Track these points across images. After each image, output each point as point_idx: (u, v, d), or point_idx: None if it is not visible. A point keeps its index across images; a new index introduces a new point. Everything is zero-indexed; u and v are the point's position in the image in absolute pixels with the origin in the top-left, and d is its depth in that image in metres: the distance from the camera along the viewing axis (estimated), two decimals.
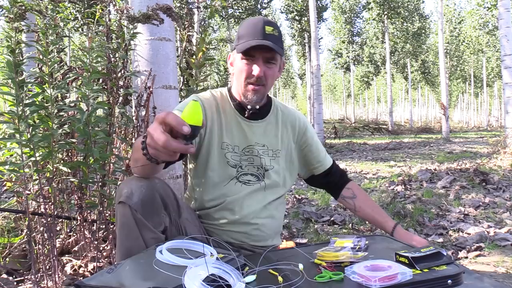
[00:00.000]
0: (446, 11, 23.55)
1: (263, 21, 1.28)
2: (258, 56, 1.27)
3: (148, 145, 0.83)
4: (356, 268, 0.88)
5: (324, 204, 3.30)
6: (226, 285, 0.84)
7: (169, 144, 0.77)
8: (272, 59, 1.29)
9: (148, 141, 0.82)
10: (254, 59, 1.28)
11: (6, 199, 2.82)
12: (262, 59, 1.28)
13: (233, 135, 1.37)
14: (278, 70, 1.36)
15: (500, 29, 6.31)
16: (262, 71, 1.27)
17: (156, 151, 0.81)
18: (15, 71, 1.48)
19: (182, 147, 0.78)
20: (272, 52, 1.27)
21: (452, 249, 2.16)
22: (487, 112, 27.87)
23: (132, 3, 1.93)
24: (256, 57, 1.27)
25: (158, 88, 1.89)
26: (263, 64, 1.28)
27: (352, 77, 29.13)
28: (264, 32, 1.26)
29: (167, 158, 0.82)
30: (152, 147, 0.81)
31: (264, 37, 1.25)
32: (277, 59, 1.32)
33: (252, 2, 15.94)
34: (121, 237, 1.11)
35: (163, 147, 0.78)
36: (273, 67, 1.31)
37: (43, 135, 1.62)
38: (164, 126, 0.78)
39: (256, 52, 1.27)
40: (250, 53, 1.27)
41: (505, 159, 5.41)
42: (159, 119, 0.78)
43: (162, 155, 0.82)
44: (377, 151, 8.92)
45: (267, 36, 1.25)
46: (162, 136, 0.77)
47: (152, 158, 0.88)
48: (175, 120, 0.76)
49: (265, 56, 1.28)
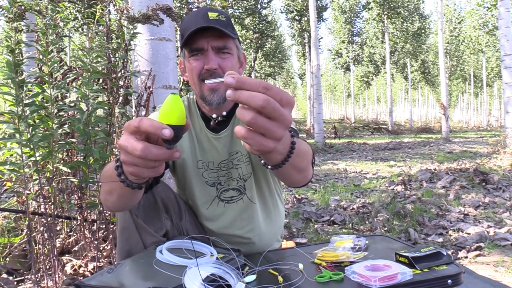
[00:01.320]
0: (446, 11, 23.56)
1: (204, 9, 1.12)
2: (207, 48, 1.10)
3: (123, 163, 0.64)
4: (356, 268, 0.88)
5: (324, 204, 3.30)
6: (226, 285, 0.84)
7: (149, 152, 0.59)
8: (225, 48, 1.11)
9: (122, 157, 0.63)
10: (204, 52, 1.11)
11: (6, 199, 2.82)
12: (212, 50, 1.10)
13: (205, 151, 1.25)
14: (237, 62, 1.18)
15: (500, 29, 6.31)
16: (215, 62, 1.09)
17: (135, 168, 0.63)
18: (15, 71, 1.48)
19: (166, 154, 0.60)
20: (222, 39, 1.10)
21: (452, 249, 2.16)
22: (487, 112, 27.89)
23: (132, 3, 1.93)
24: (205, 49, 1.10)
25: (158, 88, 1.89)
26: (215, 56, 1.10)
27: (352, 77, 29.13)
28: (207, 18, 1.08)
29: (150, 173, 0.64)
30: (129, 163, 0.62)
31: (208, 23, 1.07)
32: (231, 47, 1.13)
33: (252, 2, 15.94)
34: (121, 241, 1.11)
35: (142, 158, 0.60)
36: (229, 57, 1.13)
37: (43, 135, 1.62)
38: (137, 136, 0.61)
39: (203, 42, 1.09)
40: (197, 46, 1.10)
41: (505, 159, 5.41)
42: (130, 128, 0.60)
43: (143, 171, 0.63)
44: (377, 151, 8.92)
45: (211, 21, 1.07)
46: (138, 145, 0.59)
47: (133, 183, 0.72)
48: (151, 125, 0.58)
49: (215, 45, 1.10)
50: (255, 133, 0.54)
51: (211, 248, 1.00)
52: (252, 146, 0.55)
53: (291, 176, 0.84)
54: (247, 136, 0.54)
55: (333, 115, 45.84)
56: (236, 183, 1.27)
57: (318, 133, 9.89)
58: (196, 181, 1.26)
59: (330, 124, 17.89)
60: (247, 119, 0.52)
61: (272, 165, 0.72)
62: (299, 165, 0.82)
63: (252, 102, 0.51)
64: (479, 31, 23.32)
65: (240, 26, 15.75)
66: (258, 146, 0.55)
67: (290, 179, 0.87)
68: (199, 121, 1.25)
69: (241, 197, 1.28)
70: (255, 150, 0.56)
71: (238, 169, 1.25)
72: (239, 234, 1.28)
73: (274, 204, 1.36)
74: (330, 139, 11.61)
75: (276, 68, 24.64)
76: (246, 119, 0.52)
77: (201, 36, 1.09)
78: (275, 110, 0.52)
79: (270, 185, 1.33)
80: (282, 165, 0.71)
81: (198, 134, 1.25)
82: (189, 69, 1.15)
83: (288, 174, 0.82)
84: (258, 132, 0.54)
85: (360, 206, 3.13)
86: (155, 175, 0.65)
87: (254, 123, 0.52)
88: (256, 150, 0.56)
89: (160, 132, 0.57)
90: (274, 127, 0.53)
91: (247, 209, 1.28)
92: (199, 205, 1.28)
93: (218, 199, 1.28)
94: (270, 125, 0.53)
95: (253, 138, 0.54)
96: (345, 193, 3.86)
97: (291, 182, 0.89)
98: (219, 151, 1.24)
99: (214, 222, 1.29)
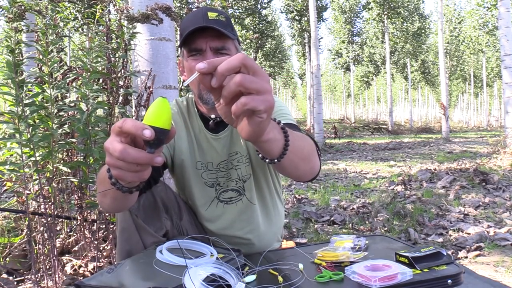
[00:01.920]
0: (446, 11, 23.57)
1: (204, 9, 1.12)
2: (205, 48, 1.09)
3: (107, 165, 0.63)
4: (356, 268, 0.88)
5: (324, 204, 3.30)
6: (226, 285, 0.84)
7: (127, 154, 0.58)
8: (223, 49, 1.10)
9: (107, 159, 0.62)
10: (202, 52, 1.10)
11: (6, 199, 2.82)
12: (211, 50, 1.09)
13: (204, 152, 1.24)
14: None
15: (500, 29, 6.31)
16: None
17: (118, 171, 0.61)
18: (15, 71, 1.48)
19: (144, 157, 0.58)
20: (221, 40, 1.09)
21: (452, 249, 2.16)
22: (487, 112, 27.89)
23: (132, 3, 1.93)
24: (204, 49, 1.09)
25: (158, 88, 1.89)
26: (213, 56, 1.09)
27: (352, 77, 29.13)
28: (206, 18, 1.08)
29: (134, 177, 0.62)
30: (112, 166, 0.62)
31: (207, 23, 1.06)
32: (230, 48, 1.12)
33: (252, 2, 15.94)
34: (121, 241, 1.11)
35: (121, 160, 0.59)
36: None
37: (43, 135, 1.62)
38: (122, 138, 0.60)
39: (202, 43, 1.09)
40: (196, 46, 1.09)
41: (505, 159, 5.41)
42: (115, 129, 0.60)
43: (127, 175, 0.61)
44: (377, 151, 8.92)
45: (210, 21, 1.07)
46: (118, 146, 0.59)
47: (123, 186, 0.72)
48: (133, 125, 0.57)
49: (213, 45, 1.09)
50: (251, 95, 0.54)
51: (211, 248, 1.00)
52: (259, 106, 0.54)
53: (297, 166, 0.82)
54: (248, 100, 0.54)
55: (333, 115, 45.85)
56: (235, 184, 1.26)
57: (318, 133, 9.90)
58: (195, 182, 1.25)
59: (330, 124, 17.89)
60: (239, 80, 0.53)
61: (276, 157, 0.72)
62: (302, 154, 0.82)
63: (232, 64, 0.53)
64: (479, 31, 23.32)
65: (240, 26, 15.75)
66: (263, 103, 0.55)
67: (296, 171, 0.84)
68: (198, 121, 1.24)
69: (240, 198, 1.27)
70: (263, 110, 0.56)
71: (237, 170, 1.25)
72: (238, 235, 1.28)
73: (274, 204, 1.36)
74: (330, 139, 11.62)
75: (276, 68, 24.64)
76: (236, 81, 0.53)
77: (200, 36, 1.09)
78: (254, 63, 0.54)
79: (270, 186, 1.33)
80: (285, 153, 0.71)
81: (197, 134, 1.24)
82: (187, 69, 1.14)
83: (293, 164, 0.80)
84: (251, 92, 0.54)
85: (360, 206, 3.13)
86: (139, 180, 0.63)
87: (247, 80, 0.53)
88: (264, 110, 0.56)
89: (140, 132, 0.56)
90: (261, 80, 0.55)
91: (246, 210, 1.28)
92: (199, 206, 1.28)
93: (217, 200, 1.27)
94: (256, 79, 0.54)
95: (254, 99, 0.54)
96: (345, 193, 3.86)
97: (298, 176, 0.87)
98: (218, 152, 1.24)
99: (213, 223, 1.28)
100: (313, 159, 0.89)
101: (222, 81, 0.55)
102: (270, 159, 0.72)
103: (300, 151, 0.81)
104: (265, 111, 0.56)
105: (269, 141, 0.66)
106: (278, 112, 1.18)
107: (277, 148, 0.70)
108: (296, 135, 0.81)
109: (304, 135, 0.89)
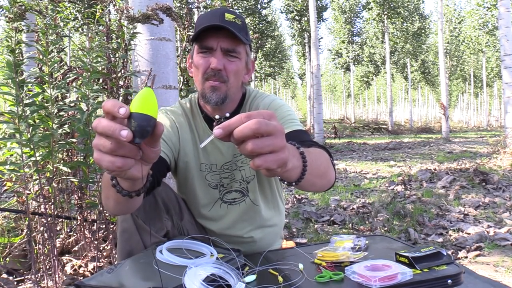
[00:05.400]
0: (446, 11, 23.56)
1: (223, 9, 1.12)
2: (216, 47, 1.10)
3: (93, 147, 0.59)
4: (356, 268, 0.88)
5: (324, 204, 3.31)
6: (226, 285, 0.84)
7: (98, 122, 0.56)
8: (234, 51, 1.11)
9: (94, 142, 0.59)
10: (213, 51, 1.10)
11: (6, 199, 2.82)
12: (221, 50, 1.10)
13: (209, 153, 1.24)
14: (244, 68, 1.17)
15: (500, 29, 6.31)
16: (221, 63, 1.09)
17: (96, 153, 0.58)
18: (15, 71, 1.48)
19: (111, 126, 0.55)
20: (233, 42, 1.10)
21: (452, 249, 2.16)
22: (487, 112, 27.89)
23: (132, 3, 1.93)
24: (214, 49, 1.10)
25: (158, 88, 1.89)
26: (222, 56, 1.10)
27: (352, 77, 29.13)
28: (223, 18, 1.08)
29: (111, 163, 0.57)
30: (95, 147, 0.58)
31: (222, 23, 1.07)
32: (240, 52, 1.13)
33: (252, 2, 15.94)
34: (122, 242, 1.11)
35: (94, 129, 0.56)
36: (236, 61, 1.12)
37: (43, 135, 1.62)
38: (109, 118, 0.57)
39: (214, 41, 1.09)
40: (207, 44, 1.10)
41: (505, 159, 5.41)
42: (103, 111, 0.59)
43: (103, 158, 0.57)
44: (377, 151, 8.92)
45: (226, 22, 1.07)
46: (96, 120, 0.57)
47: (123, 189, 0.71)
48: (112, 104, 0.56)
49: (224, 46, 1.10)
50: (265, 156, 0.57)
51: (211, 248, 1.00)
52: (272, 166, 0.58)
53: (315, 184, 0.84)
54: (261, 162, 0.57)
55: (333, 115, 45.85)
56: (239, 185, 1.27)
57: (318, 133, 9.89)
58: (199, 183, 1.25)
59: (330, 124, 17.88)
60: (251, 148, 0.56)
61: (294, 180, 0.73)
62: (318, 171, 0.83)
63: (247, 130, 0.55)
64: (479, 31, 23.30)
65: None
66: (276, 162, 0.58)
67: (314, 187, 0.86)
68: (202, 123, 1.24)
69: (244, 199, 1.28)
70: (277, 169, 0.59)
71: (241, 171, 1.25)
72: (240, 234, 1.29)
73: (275, 204, 1.36)
74: (330, 139, 11.61)
75: (276, 68, 24.66)
76: (249, 149, 0.56)
77: (213, 35, 1.09)
78: (267, 124, 0.56)
79: (272, 186, 1.33)
80: (303, 177, 0.73)
81: (201, 136, 1.24)
82: (195, 65, 1.14)
83: (311, 183, 0.82)
84: (266, 153, 0.57)
85: (360, 206, 3.13)
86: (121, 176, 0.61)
87: (258, 146, 0.56)
88: (277, 168, 0.59)
89: (116, 109, 0.55)
90: (274, 139, 0.57)
91: (249, 211, 1.28)
92: (201, 207, 1.28)
93: (220, 201, 1.27)
94: (270, 140, 0.57)
95: (267, 160, 0.57)
96: (345, 193, 3.86)
97: (315, 190, 0.90)
98: (222, 153, 1.24)
99: (215, 223, 1.29)
100: (330, 173, 0.91)
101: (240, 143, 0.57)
102: (288, 183, 0.74)
103: (317, 169, 0.81)
104: (279, 167, 0.60)
105: (288, 171, 0.67)
106: (286, 118, 1.18)
107: (295, 174, 0.71)
108: (313, 154, 0.82)
109: (320, 150, 0.90)
